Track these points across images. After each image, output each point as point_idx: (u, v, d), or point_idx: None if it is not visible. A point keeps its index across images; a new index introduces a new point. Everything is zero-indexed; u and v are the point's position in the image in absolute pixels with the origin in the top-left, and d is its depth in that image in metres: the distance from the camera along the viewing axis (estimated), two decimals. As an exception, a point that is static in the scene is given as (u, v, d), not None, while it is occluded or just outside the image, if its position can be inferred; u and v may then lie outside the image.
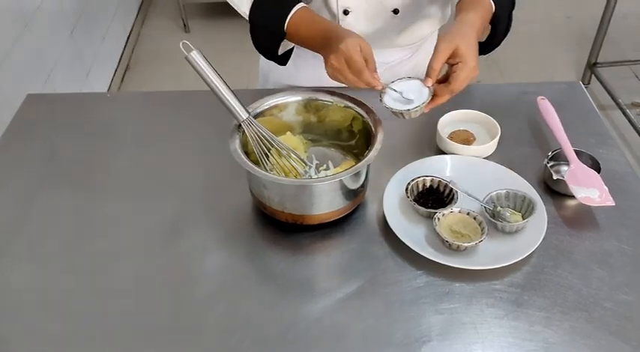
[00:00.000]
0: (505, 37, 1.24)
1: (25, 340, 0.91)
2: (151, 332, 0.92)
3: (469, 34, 1.04)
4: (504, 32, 1.22)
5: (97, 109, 1.36)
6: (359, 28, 1.25)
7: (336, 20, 1.25)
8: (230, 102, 1.01)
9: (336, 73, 1.04)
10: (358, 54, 1.01)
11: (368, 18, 1.25)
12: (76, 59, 2.63)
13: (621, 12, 2.96)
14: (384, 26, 1.27)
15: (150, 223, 1.08)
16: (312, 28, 1.13)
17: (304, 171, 1.07)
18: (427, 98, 1.02)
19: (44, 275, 1.00)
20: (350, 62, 1.01)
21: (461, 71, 1.01)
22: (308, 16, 1.14)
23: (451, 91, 1.02)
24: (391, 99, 1.04)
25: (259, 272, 1.01)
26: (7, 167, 1.21)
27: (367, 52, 1.03)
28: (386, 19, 1.26)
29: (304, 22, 1.14)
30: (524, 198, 1.04)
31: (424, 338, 0.90)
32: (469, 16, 1.08)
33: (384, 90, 1.04)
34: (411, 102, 1.02)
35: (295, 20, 1.14)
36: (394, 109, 1.02)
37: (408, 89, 1.04)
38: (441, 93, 1.03)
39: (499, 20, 1.17)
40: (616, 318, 0.92)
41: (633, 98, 2.96)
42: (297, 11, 1.14)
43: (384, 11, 1.25)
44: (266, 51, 1.23)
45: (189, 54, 0.97)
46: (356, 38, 1.03)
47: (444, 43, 1.01)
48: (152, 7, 3.82)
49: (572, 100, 1.34)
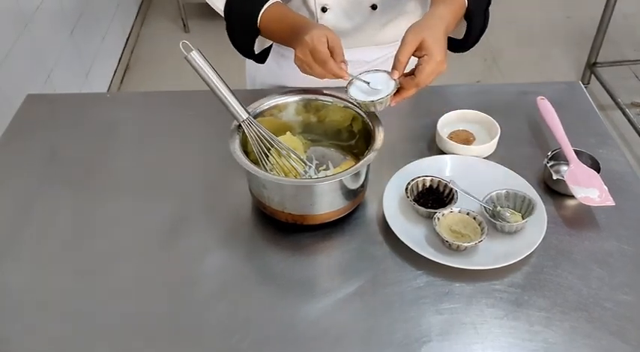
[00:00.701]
0: (482, 34, 1.22)
1: (25, 340, 0.91)
2: (151, 332, 0.92)
3: (437, 27, 1.02)
4: (480, 29, 1.21)
5: (97, 109, 1.36)
6: (338, 25, 1.25)
7: (315, 18, 1.25)
8: (230, 102, 1.01)
9: (303, 65, 1.03)
10: (323, 44, 1.00)
11: (346, 14, 1.25)
12: (76, 59, 2.63)
13: (621, 12, 2.96)
14: (364, 23, 1.27)
15: (150, 223, 1.08)
16: (284, 22, 1.12)
17: (304, 171, 1.07)
18: (392, 90, 1.01)
19: (44, 275, 1.00)
20: (314, 53, 1.00)
21: (426, 64, 0.99)
22: (280, 11, 1.14)
23: (417, 85, 1.01)
24: (357, 90, 1.04)
25: (259, 273, 1.01)
26: (7, 167, 1.21)
27: (334, 42, 1.02)
28: (365, 16, 1.26)
29: (276, 17, 1.13)
30: (524, 198, 1.04)
31: (424, 338, 0.90)
32: (439, 9, 1.07)
33: (351, 82, 1.04)
34: (377, 94, 1.02)
35: (268, 16, 1.13)
36: (358, 100, 1.02)
37: (375, 81, 1.03)
38: (407, 86, 1.02)
39: (473, 15, 1.16)
40: (616, 318, 0.92)
41: (633, 98, 2.96)
42: (270, 7, 1.13)
43: (362, 7, 1.24)
44: (243, 48, 1.22)
45: (189, 54, 0.97)
46: (322, 29, 1.02)
47: (411, 34, 1.00)
48: (152, 7, 3.82)
49: (572, 100, 1.34)
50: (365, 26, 1.27)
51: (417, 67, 1.01)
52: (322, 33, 1.01)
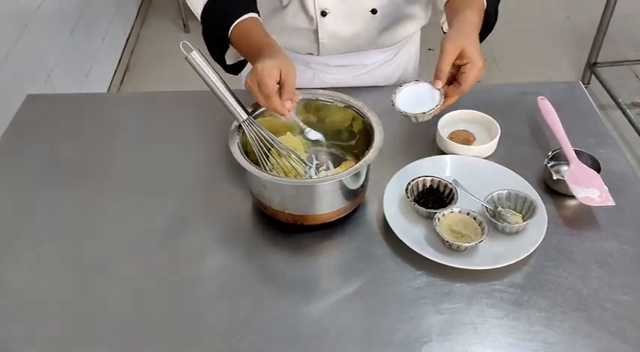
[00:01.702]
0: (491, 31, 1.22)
1: (25, 340, 0.91)
2: (151, 332, 0.92)
3: (472, 33, 1.04)
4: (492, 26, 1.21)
5: (97, 109, 1.36)
6: (337, 29, 1.25)
7: (314, 22, 1.24)
8: (230, 103, 1.01)
9: (250, 91, 1.01)
10: (271, 78, 0.98)
11: (346, 19, 1.24)
12: (76, 59, 2.63)
13: (621, 12, 2.96)
14: (364, 27, 1.27)
15: (150, 223, 1.08)
16: (251, 40, 1.09)
17: (304, 171, 1.07)
18: (440, 100, 1.02)
19: (44, 276, 1.00)
20: (260, 85, 0.98)
21: (470, 71, 1.01)
22: (250, 28, 1.11)
23: (462, 92, 1.03)
24: (403, 101, 1.04)
25: (259, 273, 1.01)
26: (7, 167, 1.21)
27: (287, 76, 0.99)
28: (365, 20, 1.25)
29: (246, 33, 1.10)
30: (526, 199, 1.04)
31: (424, 338, 0.89)
32: (468, 14, 1.07)
33: (395, 91, 1.04)
34: (424, 105, 1.02)
35: (239, 31, 1.10)
36: (407, 113, 1.02)
37: (419, 92, 1.04)
38: (451, 94, 1.03)
39: (490, 15, 1.16)
40: (616, 318, 0.92)
41: (633, 98, 2.96)
42: (243, 21, 1.10)
43: (362, 12, 1.24)
44: (215, 56, 1.19)
45: (189, 54, 0.97)
46: (277, 61, 0.99)
47: (450, 44, 1.01)
48: (152, 8, 3.82)
49: (572, 100, 1.34)
50: (364, 30, 1.27)
51: (461, 75, 1.02)
52: (275, 64, 0.98)
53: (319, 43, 1.28)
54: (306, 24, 1.25)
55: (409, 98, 1.03)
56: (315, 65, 1.35)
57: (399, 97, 1.04)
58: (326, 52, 1.30)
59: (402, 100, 1.04)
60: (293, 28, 1.27)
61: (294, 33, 1.27)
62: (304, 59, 1.34)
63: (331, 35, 1.26)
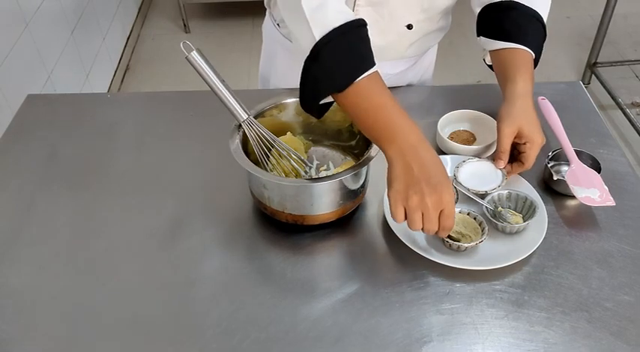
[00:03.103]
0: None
1: (25, 340, 0.91)
2: (151, 332, 0.92)
3: (529, 108, 1.06)
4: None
5: (97, 109, 1.36)
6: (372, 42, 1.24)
7: None
8: (230, 103, 1.01)
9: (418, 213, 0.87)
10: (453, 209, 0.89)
11: (382, 33, 1.23)
12: (76, 59, 2.63)
13: (621, 12, 2.96)
14: (397, 40, 1.26)
15: (150, 223, 1.08)
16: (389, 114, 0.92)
17: (304, 171, 1.07)
18: (502, 180, 1.07)
19: (44, 276, 1.00)
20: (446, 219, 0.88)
21: (531, 151, 1.05)
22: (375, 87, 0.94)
23: (526, 169, 1.07)
24: (466, 177, 1.08)
25: (259, 273, 1.01)
26: (7, 167, 1.21)
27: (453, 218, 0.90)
28: (399, 34, 1.25)
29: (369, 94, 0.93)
30: (526, 199, 1.04)
31: (425, 338, 0.89)
32: (519, 86, 1.07)
33: (458, 167, 1.09)
34: (486, 184, 1.07)
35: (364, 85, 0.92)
36: (474, 190, 1.05)
37: (481, 169, 1.09)
38: (515, 170, 1.08)
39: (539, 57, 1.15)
40: (616, 319, 0.92)
41: (633, 98, 2.96)
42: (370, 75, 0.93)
43: (398, 26, 1.24)
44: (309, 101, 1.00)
45: (190, 54, 0.97)
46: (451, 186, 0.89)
47: (507, 127, 1.04)
48: (152, 8, 3.82)
49: (572, 100, 1.34)
50: (397, 43, 1.27)
51: (522, 154, 1.06)
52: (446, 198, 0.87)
53: None
54: None
55: (471, 175, 1.08)
56: None
57: (462, 171, 1.09)
58: None
59: (464, 175, 1.08)
60: None
61: None
62: None
63: None
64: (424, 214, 0.87)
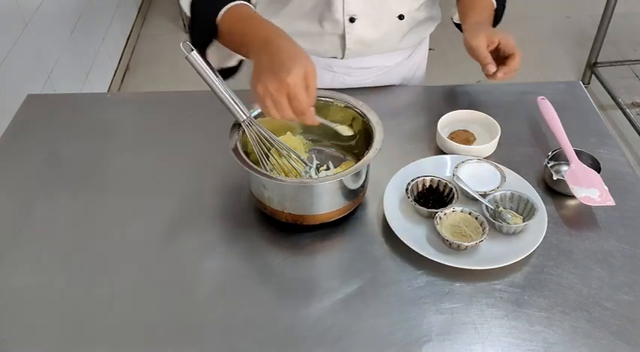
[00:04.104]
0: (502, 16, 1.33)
1: (25, 340, 0.91)
2: (151, 333, 0.92)
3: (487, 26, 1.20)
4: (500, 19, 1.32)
5: (97, 109, 1.36)
6: (364, 34, 1.25)
7: (342, 27, 1.24)
8: (230, 103, 1.01)
9: (270, 102, 0.89)
10: (304, 93, 0.88)
11: (374, 24, 1.25)
12: (76, 59, 2.63)
13: (621, 12, 2.96)
14: (390, 31, 1.27)
15: (150, 223, 1.08)
16: (250, 25, 0.99)
17: (304, 171, 1.07)
18: (501, 182, 1.08)
19: (44, 276, 1.00)
20: (294, 100, 0.88)
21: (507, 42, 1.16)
22: (246, 11, 1.03)
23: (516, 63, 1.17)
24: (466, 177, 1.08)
25: (259, 272, 1.01)
26: (7, 167, 1.21)
27: (312, 80, 0.90)
28: (391, 25, 1.26)
29: (241, 17, 1.01)
30: (528, 201, 1.04)
31: (424, 338, 0.89)
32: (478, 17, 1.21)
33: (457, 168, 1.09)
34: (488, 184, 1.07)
35: (231, 15, 1.02)
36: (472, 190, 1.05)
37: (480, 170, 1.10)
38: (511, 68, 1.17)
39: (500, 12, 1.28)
40: (616, 318, 0.92)
41: (633, 98, 2.96)
42: (236, 6, 1.03)
43: (390, 17, 1.25)
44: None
45: (190, 54, 0.97)
46: (303, 66, 0.88)
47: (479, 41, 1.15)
48: (152, 8, 3.83)
49: (572, 100, 1.34)
50: (390, 34, 1.28)
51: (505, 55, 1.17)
52: (302, 72, 0.87)
53: (345, 47, 1.28)
54: (332, 29, 1.25)
55: (470, 175, 1.09)
56: (337, 68, 1.35)
57: (462, 172, 1.09)
58: (351, 55, 1.30)
59: (463, 176, 1.08)
60: (319, 33, 1.26)
61: (320, 38, 1.27)
62: (326, 62, 1.34)
63: (358, 40, 1.26)
64: (273, 101, 0.89)
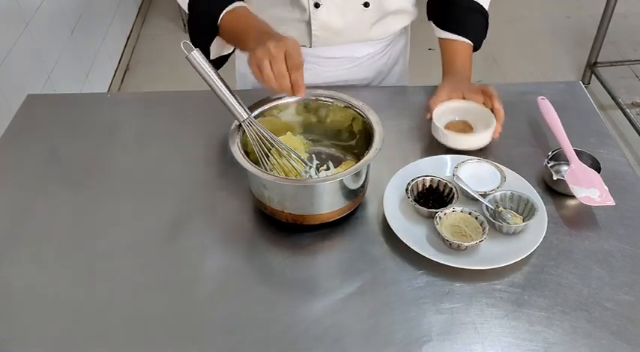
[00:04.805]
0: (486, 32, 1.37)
1: (25, 340, 0.91)
2: (151, 332, 0.92)
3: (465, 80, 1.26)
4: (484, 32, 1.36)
5: (97, 109, 1.36)
6: (330, 21, 1.27)
7: (307, 13, 1.25)
8: (230, 103, 1.01)
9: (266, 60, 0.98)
10: (299, 52, 0.99)
11: (339, 11, 1.26)
12: (76, 59, 2.63)
13: (621, 12, 2.96)
14: (356, 19, 1.28)
15: (150, 223, 1.08)
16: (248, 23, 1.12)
17: (304, 171, 1.07)
18: (501, 182, 1.08)
19: (44, 276, 1.00)
20: (274, 62, 0.97)
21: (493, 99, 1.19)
22: (245, 12, 1.15)
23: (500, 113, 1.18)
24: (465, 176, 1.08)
25: (259, 272, 1.01)
26: (7, 167, 1.21)
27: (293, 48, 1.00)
28: (357, 13, 1.27)
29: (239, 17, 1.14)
30: (528, 201, 1.04)
31: (424, 337, 0.90)
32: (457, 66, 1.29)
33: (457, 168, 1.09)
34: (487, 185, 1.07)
35: (231, 15, 1.14)
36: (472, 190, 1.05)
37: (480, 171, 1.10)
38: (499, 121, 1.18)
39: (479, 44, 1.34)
40: (616, 318, 0.92)
41: (633, 98, 2.96)
42: (236, 8, 1.14)
43: (354, 4, 1.26)
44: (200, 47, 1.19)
45: (190, 54, 0.97)
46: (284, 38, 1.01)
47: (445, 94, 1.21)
48: (152, 8, 3.83)
49: (572, 100, 1.34)
50: (357, 23, 1.29)
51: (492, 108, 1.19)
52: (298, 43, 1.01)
53: (312, 34, 1.29)
54: (299, 15, 1.26)
55: (470, 175, 1.09)
56: (307, 57, 1.35)
57: (462, 172, 1.09)
58: (318, 44, 1.31)
59: (462, 176, 1.08)
60: (285, 19, 1.28)
61: (286, 24, 1.28)
62: None
63: (324, 27, 1.27)
64: (270, 60, 0.98)
